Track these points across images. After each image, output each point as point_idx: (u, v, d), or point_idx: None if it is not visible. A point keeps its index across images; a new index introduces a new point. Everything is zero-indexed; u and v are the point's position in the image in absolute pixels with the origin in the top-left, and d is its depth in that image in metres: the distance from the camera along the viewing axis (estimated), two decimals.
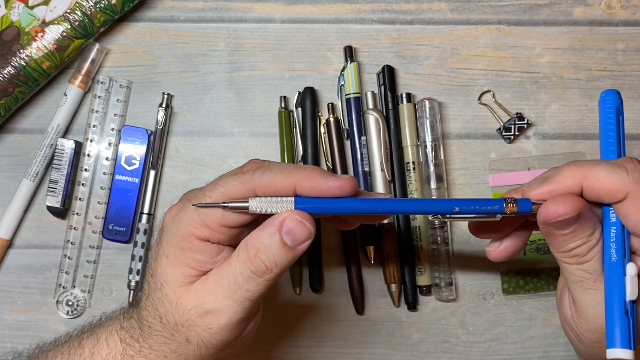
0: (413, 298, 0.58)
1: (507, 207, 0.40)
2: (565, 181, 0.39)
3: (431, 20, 0.60)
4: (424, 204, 0.43)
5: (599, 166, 0.39)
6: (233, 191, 0.40)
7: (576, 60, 0.60)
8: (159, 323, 0.42)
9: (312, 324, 0.58)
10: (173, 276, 0.41)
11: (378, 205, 0.40)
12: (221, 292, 0.40)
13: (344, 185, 0.39)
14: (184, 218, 0.41)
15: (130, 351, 0.43)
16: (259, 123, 0.59)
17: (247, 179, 0.40)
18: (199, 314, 0.40)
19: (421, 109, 0.57)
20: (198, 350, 0.42)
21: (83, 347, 0.44)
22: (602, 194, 0.39)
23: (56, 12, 0.55)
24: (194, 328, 0.41)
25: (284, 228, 0.39)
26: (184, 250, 0.41)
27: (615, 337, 0.37)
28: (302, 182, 0.39)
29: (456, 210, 0.40)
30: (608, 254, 0.39)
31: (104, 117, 0.58)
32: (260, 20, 0.60)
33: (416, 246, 0.57)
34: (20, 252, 0.59)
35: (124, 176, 0.58)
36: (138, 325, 0.43)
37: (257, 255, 0.39)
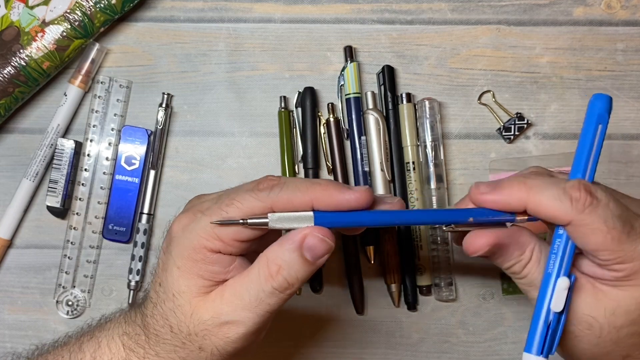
0: (413, 298, 0.58)
1: (518, 216, 0.41)
2: (511, 197, 0.40)
3: (431, 20, 0.60)
4: (440, 215, 0.44)
5: (546, 191, 0.39)
6: (250, 208, 0.40)
7: (576, 60, 0.60)
8: (169, 332, 0.42)
9: (312, 324, 0.58)
10: (187, 287, 0.41)
11: (396, 218, 0.42)
12: (241, 304, 0.40)
13: (361, 198, 0.40)
14: (197, 229, 0.41)
15: (134, 357, 0.43)
16: (259, 123, 0.59)
17: (265, 197, 0.40)
18: (217, 324, 0.41)
19: (421, 109, 0.58)
20: (210, 357, 0.42)
21: (84, 351, 0.44)
22: (546, 218, 0.40)
23: (56, 12, 0.55)
24: (210, 337, 0.41)
25: (305, 245, 0.40)
26: (197, 262, 0.41)
27: (533, 343, 0.39)
28: (320, 198, 0.40)
29: (470, 220, 0.41)
30: (547, 265, 0.40)
31: (104, 117, 0.58)
32: (260, 20, 0.60)
33: (416, 246, 0.57)
34: (20, 252, 0.59)
35: (124, 176, 0.58)
36: (143, 332, 0.43)
37: (279, 272, 0.40)
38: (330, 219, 0.40)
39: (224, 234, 0.40)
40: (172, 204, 0.59)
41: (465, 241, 0.41)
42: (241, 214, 0.40)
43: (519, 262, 0.41)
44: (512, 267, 0.42)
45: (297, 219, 0.40)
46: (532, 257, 0.41)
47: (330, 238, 0.40)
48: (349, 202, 0.40)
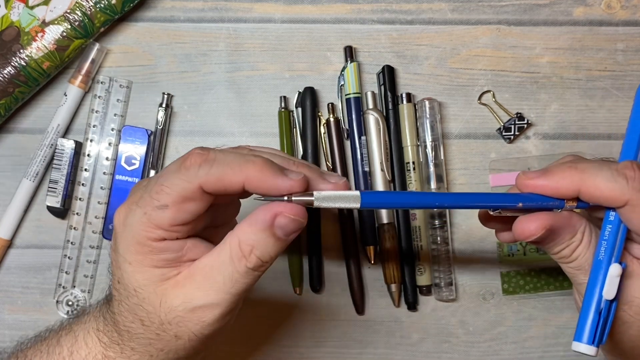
0: (413, 298, 0.58)
1: (567, 203, 0.40)
2: (562, 182, 0.39)
3: (431, 20, 0.60)
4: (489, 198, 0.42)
5: (599, 172, 0.39)
6: (179, 192, 0.38)
7: (576, 60, 0.60)
8: (140, 326, 0.41)
9: (312, 324, 0.58)
10: (145, 280, 0.40)
11: (441, 199, 0.40)
12: (215, 287, 0.39)
13: (294, 187, 0.38)
14: (134, 223, 0.39)
15: (111, 353, 0.42)
16: (259, 123, 0.59)
17: (193, 176, 0.38)
18: (189, 309, 0.40)
19: (421, 109, 0.58)
20: (189, 344, 0.41)
21: (62, 345, 0.43)
22: (600, 201, 0.39)
23: (56, 12, 0.55)
24: (185, 323, 0.40)
25: (276, 224, 0.38)
26: (146, 254, 0.39)
27: (584, 333, 0.38)
28: (252, 180, 0.38)
29: (519, 205, 0.40)
30: (598, 252, 0.39)
31: (104, 117, 0.58)
32: (260, 20, 0.60)
33: (416, 246, 0.57)
34: (21, 252, 0.59)
35: (124, 176, 0.58)
36: (115, 330, 0.42)
37: (252, 252, 0.39)
38: (376, 199, 0.39)
39: (161, 222, 0.38)
40: None
41: (518, 226, 0.40)
42: (172, 198, 0.38)
43: (569, 245, 0.40)
44: (562, 250, 0.41)
45: (344, 198, 0.38)
46: (582, 240, 0.40)
47: (302, 215, 0.39)
48: (280, 190, 0.38)
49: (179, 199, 0.38)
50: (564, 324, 0.58)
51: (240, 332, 0.58)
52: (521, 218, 0.40)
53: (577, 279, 0.42)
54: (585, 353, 0.38)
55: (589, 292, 0.39)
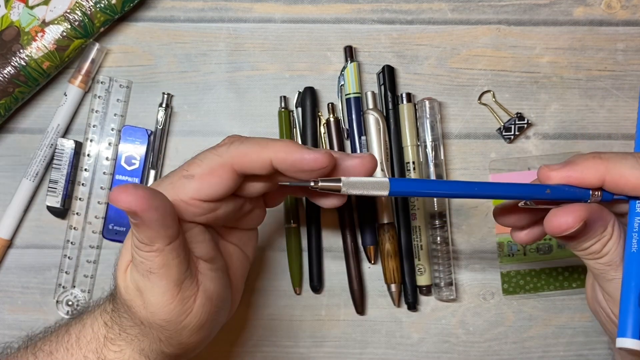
0: (413, 298, 0.58)
1: (592, 195, 0.40)
2: (587, 172, 0.39)
3: (431, 20, 0.60)
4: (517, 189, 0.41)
5: (624, 161, 0.38)
6: (209, 164, 0.40)
7: (576, 60, 0.60)
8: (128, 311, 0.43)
9: (312, 324, 0.58)
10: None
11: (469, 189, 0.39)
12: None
13: (319, 159, 0.39)
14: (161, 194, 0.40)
15: (111, 334, 0.43)
16: (259, 123, 0.59)
17: (224, 151, 0.40)
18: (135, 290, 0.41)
19: (421, 109, 0.58)
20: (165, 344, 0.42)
21: (70, 333, 0.45)
22: (626, 189, 0.39)
23: (56, 12, 0.55)
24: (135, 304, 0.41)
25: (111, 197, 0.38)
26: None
27: (627, 327, 0.37)
28: (278, 154, 0.39)
29: (547, 192, 0.39)
30: (629, 244, 0.39)
31: (104, 117, 0.58)
32: (260, 20, 0.60)
33: (416, 246, 0.57)
34: (21, 252, 0.59)
35: (124, 176, 0.58)
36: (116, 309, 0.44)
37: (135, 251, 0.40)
38: (403, 186, 0.38)
39: (184, 191, 0.40)
40: None
41: (553, 219, 0.38)
42: (201, 169, 0.40)
43: (600, 239, 0.39)
44: (593, 245, 0.40)
45: (372, 184, 0.38)
46: (613, 234, 0.39)
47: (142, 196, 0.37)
48: (306, 160, 0.39)
49: (207, 170, 0.40)
50: (564, 324, 0.58)
51: (241, 332, 0.58)
52: (554, 211, 0.39)
53: (606, 275, 0.40)
54: (633, 348, 0.37)
55: (626, 286, 0.38)
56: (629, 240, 0.39)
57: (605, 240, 0.40)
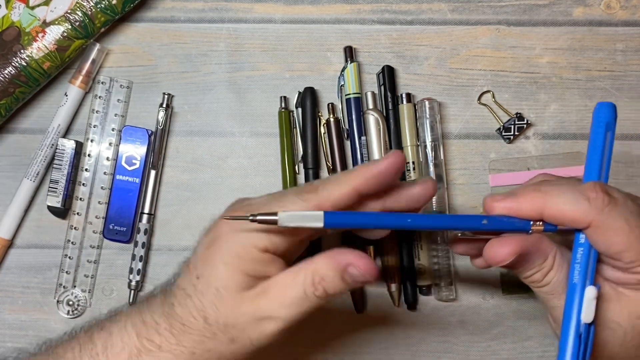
0: (413, 298, 0.58)
1: (533, 226, 0.40)
2: (526, 205, 0.40)
3: (431, 21, 0.60)
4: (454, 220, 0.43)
5: (562, 195, 0.39)
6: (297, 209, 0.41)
7: (576, 60, 0.60)
8: (201, 323, 0.42)
9: (312, 324, 0.58)
10: (233, 283, 0.42)
11: (406, 219, 0.41)
12: (284, 302, 0.42)
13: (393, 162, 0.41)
14: (249, 229, 0.42)
15: (149, 346, 0.43)
16: (259, 123, 0.59)
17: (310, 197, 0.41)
18: (258, 318, 0.42)
19: (421, 109, 0.58)
20: (240, 350, 0.43)
21: (94, 342, 0.44)
22: (565, 222, 0.39)
23: (57, 12, 0.56)
24: (247, 330, 0.42)
25: (347, 271, 0.41)
26: (244, 260, 0.42)
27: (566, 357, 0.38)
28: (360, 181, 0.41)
29: (484, 222, 0.40)
30: (572, 275, 0.39)
31: (105, 117, 0.58)
32: (260, 21, 0.60)
33: (416, 246, 0.57)
34: (21, 252, 0.59)
35: (125, 176, 0.58)
36: (167, 321, 0.43)
37: (320, 282, 0.41)
38: (339, 218, 0.41)
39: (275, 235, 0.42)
40: (173, 204, 0.59)
41: (488, 250, 0.40)
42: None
43: (540, 270, 0.40)
44: (533, 275, 0.41)
45: (307, 217, 0.40)
46: (553, 264, 0.40)
47: (371, 274, 0.41)
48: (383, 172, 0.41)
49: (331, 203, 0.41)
50: None
51: None
52: (491, 242, 0.40)
53: (549, 302, 0.41)
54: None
55: (567, 317, 0.38)
56: (571, 271, 0.39)
57: (546, 270, 0.40)
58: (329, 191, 0.41)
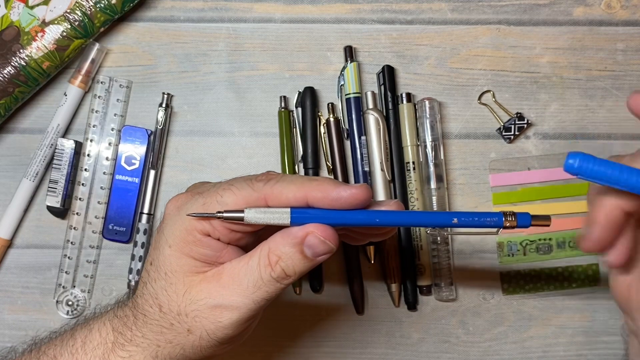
0: (413, 298, 0.58)
1: (506, 220, 0.40)
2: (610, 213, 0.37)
3: (431, 20, 0.60)
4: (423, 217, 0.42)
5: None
6: (245, 196, 0.40)
7: (576, 60, 0.60)
8: (157, 312, 0.42)
9: (312, 324, 0.58)
10: (179, 266, 0.41)
11: (374, 217, 0.40)
12: (238, 290, 0.41)
13: (357, 194, 0.39)
14: (189, 210, 0.41)
15: (121, 339, 0.43)
16: (259, 123, 0.59)
17: (260, 187, 0.40)
18: (210, 306, 0.41)
19: (421, 109, 0.58)
20: (198, 342, 0.42)
21: (75, 337, 0.44)
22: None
23: (56, 12, 0.56)
24: (200, 319, 0.41)
25: (305, 242, 0.40)
26: (188, 243, 0.41)
27: None
28: (314, 193, 0.39)
29: (454, 221, 0.40)
30: None
31: (104, 117, 0.58)
32: (260, 20, 0.60)
33: (416, 246, 0.57)
34: (20, 252, 0.59)
35: (124, 176, 0.58)
36: (132, 313, 0.43)
37: (277, 262, 0.40)
38: (306, 215, 0.40)
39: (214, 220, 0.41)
40: None
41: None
42: (235, 199, 0.40)
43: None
44: None
45: (274, 214, 0.40)
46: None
47: (333, 240, 0.40)
48: (344, 198, 0.39)
49: (240, 202, 0.40)
50: (564, 324, 0.58)
51: None
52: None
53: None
54: None
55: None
56: None
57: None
58: (281, 188, 0.40)
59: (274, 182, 0.40)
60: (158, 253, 0.42)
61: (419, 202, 0.57)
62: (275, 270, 0.40)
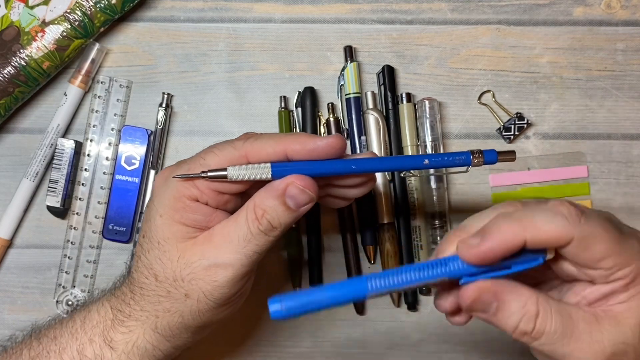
0: (413, 298, 0.58)
1: (474, 157, 0.42)
2: (506, 238, 0.36)
3: (431, 20, 0.60)
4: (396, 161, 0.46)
5: (540, 218, 0.37)
6: (227, 156, 0.42)
7: (576, 60, 0.60)
8: (153, 282, 0.43)
9: (312, 324, 0.58)
10: (171, 233, 0.43)
11: (350, 164, 0.43)
12: (229, 247, 0.42)
13: (333, 142, 0.42)
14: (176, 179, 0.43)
15: (120, 316, 0.44)
16: (259, 123, 0.59)
17: (240, 146, 0.42)
18: (204, 267, 0.42)
19: (421, 109, 0.58)
20: (196, 305, 0.43)
21: (75, 319, 0.46)
22: (547, 244, 0.37)
23: (56, 12, 0.56)
24: (197, 281, 0.42)
25: (287, 193, 0.41)
26: (178, 210, 0.43)
27: None
28: (292, 146, 0.42)
29: (426, 162, 0.42)
30: None
31: (104, 117, 0.58)
32: (260, 20, 0.60)
33: (416, 246, 0.57)
34: (20, 252, 0.59)
35: (124, 176, 0.58)
36: (129, 289, 0.45)
37: (263, 215, 0.42)
38: (286, 167, 0.42)
39: (200, 183, 0.42)
40: None
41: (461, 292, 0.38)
42: (218, 160, 0.42)
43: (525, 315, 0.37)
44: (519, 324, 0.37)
45: (255, 170, 0.42)
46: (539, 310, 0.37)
47: (312, 189, 0.42)
48: (320, 147, 0.42)
49: (223, 162, 0.42)
50: None
51: (240, 332, 0.58)
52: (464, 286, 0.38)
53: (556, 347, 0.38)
54: None
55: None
56: None
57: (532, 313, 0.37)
58: (261, 144, 0.42)
59: (253, 140, 0.42)
60: (150, 224, 0.43)
61: (419, 201, 0.57)
62: (262, 223, 0.42)
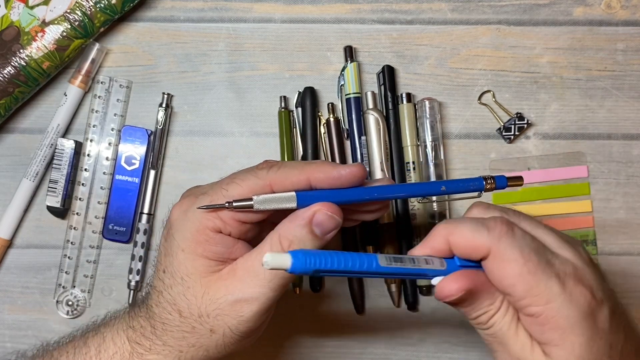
0: (413, 298, 0.58)
1: (486, 183, 0.45)
2: (435, 240, 0.40)
3: (431, 20, 0.60)
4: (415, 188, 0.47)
5: (464, 224, 0.39)
6: (250, 186, 0.41)
7: (576, 60, 0.60)
8: (177, 317, 0.42)
9: (312, 324, 0.58)
10: (194, 268, 0.42)
11: (372, 192, 0.43)
12: (255, 281, 0.41)
13: (355, 171, 0.42)
14: (197, 211, 0.42)
15: (139, 349, 0.43)
16: (259, 123, 0.59)
17: (264, 175, 0.41)
18: (230, 302, 0.41)
19: (421, 109, 0.58)
20: (222, 340, 0.42)
21: (89, 346, 0.44)
22: (467, 251, 0.39)
23: (56, 12, 0.56)
24: (222, 317, 0.42)
25: (314, 221, 0.41)
26: (200, 242, 0.42)
27: None
28: (315, 174, 0.41)
29: (443, 189, 0.44)
30: None
31: (104, 117, 0.58)
32: (260, 20, 0.60)
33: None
34: (20, 252, 0.59)
35: (124, 176, 0.58)
36: (150, 323, 0.43)
37: (290, 247, 0.41)
38: (311, 197, 0.42)
39: (223, 213, 0.41)
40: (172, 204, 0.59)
41: (440, 286, 0.39)
42: (241, 191, 0.41)
43: (487, 312, 0.39)
44: (479, 317, 0.40)
45: (281, 199, 0.41)
46: (500, 308, 0.39)
47: (338, 215, 0.41)
48: (344, 176, 0.41)
49: (246, 192, 0.41)
50: None
51: None
52: (444, 278, 0.40)
53: (492, 346, 0.41)
54: None
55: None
56: None
57: (492, 313, 0.40)
58: (284, 174, 0.41)
59: (276, 168, 0.42)
60: (171, 259, 0.42)
61: (420, 202, 0.57)
62: None
